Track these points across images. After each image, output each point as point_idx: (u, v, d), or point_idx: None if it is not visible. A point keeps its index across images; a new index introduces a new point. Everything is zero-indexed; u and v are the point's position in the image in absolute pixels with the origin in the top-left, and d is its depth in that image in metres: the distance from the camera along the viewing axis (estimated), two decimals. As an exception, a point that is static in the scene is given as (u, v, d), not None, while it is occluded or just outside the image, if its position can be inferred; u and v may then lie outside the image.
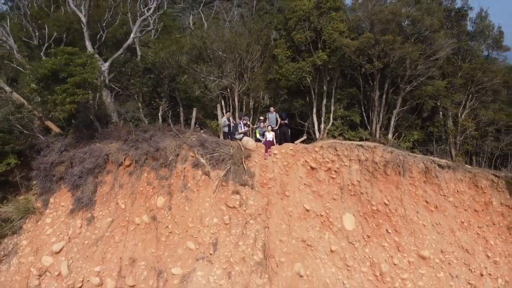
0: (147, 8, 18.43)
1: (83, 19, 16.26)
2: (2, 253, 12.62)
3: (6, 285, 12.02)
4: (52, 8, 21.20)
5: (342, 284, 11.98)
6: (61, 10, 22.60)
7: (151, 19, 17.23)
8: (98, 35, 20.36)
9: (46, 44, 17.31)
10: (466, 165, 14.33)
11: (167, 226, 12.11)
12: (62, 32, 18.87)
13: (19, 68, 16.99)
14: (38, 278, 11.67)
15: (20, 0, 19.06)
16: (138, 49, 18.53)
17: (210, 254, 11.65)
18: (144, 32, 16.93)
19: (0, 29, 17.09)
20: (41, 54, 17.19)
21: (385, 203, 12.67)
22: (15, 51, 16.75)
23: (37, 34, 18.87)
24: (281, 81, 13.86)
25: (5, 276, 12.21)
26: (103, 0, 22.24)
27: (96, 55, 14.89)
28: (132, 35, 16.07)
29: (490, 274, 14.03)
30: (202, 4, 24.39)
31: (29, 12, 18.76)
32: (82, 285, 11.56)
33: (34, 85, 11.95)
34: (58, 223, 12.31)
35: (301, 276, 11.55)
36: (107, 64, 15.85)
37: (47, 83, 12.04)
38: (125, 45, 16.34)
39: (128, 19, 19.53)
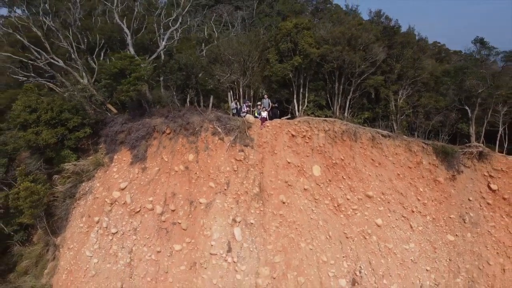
0: (172, 19, 25.95)
1: (127, 31, 23.97)
2: (81, 192, 20.16)
3: (85, 213, 19.52)
4: (94, 19, 28.81)
5: (311, 210, 19.49)
6: (98, 20, 30.32)
7: (176, 32, 24.78)
8: (127, 40, 27.98)
9: (97, 49, 24.91)
10: (404, 135, 21.85)
11: (196, 173, 19.58)
12: (105, 39, 26.46)
13: (77, 67, 24.64)
14: (110, 205, 19.13)
15: (71, 13, 26.67)
16: (162, 52, 26.19)
17: (225, 189, 19.13)
18: (173, 41, 24.45)
19: (62, 38, 24.78)
20: (93, 57, 24.83)
21: (341, 159, 20.16)
22: (74, 55, 24.39)
23: (85, 40, 26.44)
24: (272, 76, 21.49)
25: (83, 208, 19.71)
26: (130, 12, 30.00)
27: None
28: (163, 43, 23.64)
29: (420, 212, 21.52)
30: (213, 18, 31.50)
31: (79, 23, 26.36)
32: (140, 210, 19.03)
33: (107, 79, 19.64)
34: (122, 171, 19.81)
35: (283, 203, 19.04)
36: (144, 65, 23.49)
37: (115, 78, 19.69)
38: (158, 51, 23.89)
39: (154, 28, 27.17)
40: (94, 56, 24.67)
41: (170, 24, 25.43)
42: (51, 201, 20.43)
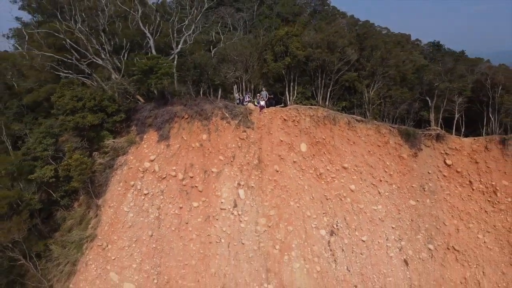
0: (184, 24, 32.61)
1: (150, 36, 30.71)
2: (118, 164, 26.76)
3: (121, 179, 26.19)
4: (117, 24, 35.49)
5: (299, 177, 26.16)
6: (120, 25, 37.07)
7: (190, 37, 31.43)
8: (144, 43, 34.78)
9: (123, 51, 31.62)
10: (375, 121, 28.58)
11: (208, 149, 26.20)
12: (129, 42, 33.15)
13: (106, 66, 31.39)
14: (142, 173, 25.77)
15: (99, 19, 33.35)
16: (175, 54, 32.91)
17: (231, 161, 25.80)
18: (188, 45, 31.12)
19: (95, 40, 31.52)
20: (121, 57, 31.53)
21: (323, 138, 26.86)
22: (105, 56, 31.13)
23: (112, 43, 33.12)
24: (269, 73, 28.25)
25: (120, 176, 26.33)
26: (145, 18, 36.79)
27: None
28: (179, 46, 30.39)
29: (387, 181, 28.21)
30: (219, 24, 37.91)
31: (107, 28, 33.06)
32: (166, 176, 25.61)
33: (138, 75, 26.36)
34: (150, 147, 26.45)
35: (277, 171, 25.71)
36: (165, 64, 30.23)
37: (145, 73, 26.42)
38: (174, 52, 30.61)
39: (168, 32, 33.88)
40: (121, 57, 31.43)
41: (183, 29, 32.15)
42: (92, 172, 27.18)
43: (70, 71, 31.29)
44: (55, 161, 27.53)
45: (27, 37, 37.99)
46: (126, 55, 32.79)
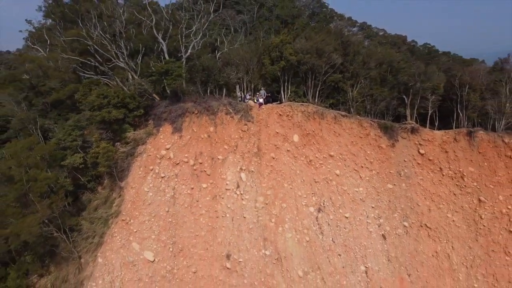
0: (192, 31, 38.32)
1: (163, 42, 36.37)
2: (138, 152, 32.40)
3: (142, 165, 31.88)
4: (131, 30, 41.14)
5: (292, 164, 31.85)
6: (133, 31, 42.71)
7: (197, 44, 37.11)
8: (155, 47, 40.46)
9: (140, 55, 37.28)
10: (358, 116, 34.29)
11: (215, 139, 31.76)
12: (143, 46, 38.80)
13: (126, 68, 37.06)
14: (159, 159, 31.42)
15: (116, 26, 39.00)
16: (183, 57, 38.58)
17: (234, 149, 31.43)
18: (196, 49, 36.82)
19: (114, 45, 37.19)
20: (136, 60, 37.20)
21: (312, 130, 32.51)
22: (124, 59, 36.79)
23: (128, 47, 38.79)
24: (266, 75, 33.94)
25: (140, 162, 31.89)
26: (157, 24, 42.45)
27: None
28: (189, 50, 36.05)
29: (367, 167, 33.92)
30: (223, 30, 43.51)
31: (124, 35, 38.73)
32: (179, 162, 31.20)
33: (154, 76, 32.03)
34: (166, 138, 32.06)
35: (273, 158, 31.36)
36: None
37: (161, 75, 32.10)
38: (185, 56, 36.38)
39: (177, 38, 39.55)
40: (137, 60, 37.13)
41: (191, 35, 37.83)
42: (115, 160, 32.82)
43: (92, 73, 37.05)
44: (82, 151, 33.11)
45: (48, 41, 43.70)
46: (140, 58, 38.56)
